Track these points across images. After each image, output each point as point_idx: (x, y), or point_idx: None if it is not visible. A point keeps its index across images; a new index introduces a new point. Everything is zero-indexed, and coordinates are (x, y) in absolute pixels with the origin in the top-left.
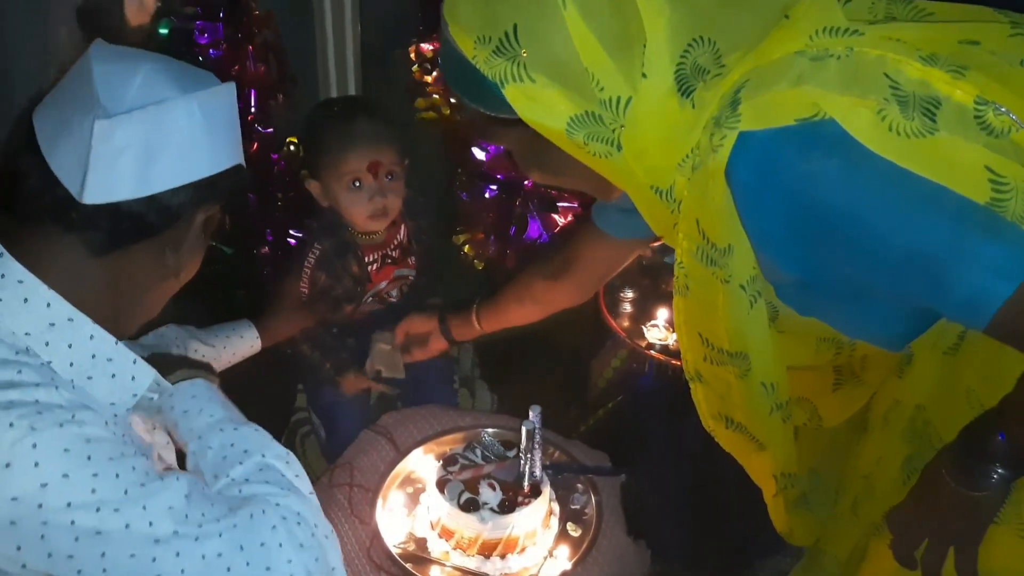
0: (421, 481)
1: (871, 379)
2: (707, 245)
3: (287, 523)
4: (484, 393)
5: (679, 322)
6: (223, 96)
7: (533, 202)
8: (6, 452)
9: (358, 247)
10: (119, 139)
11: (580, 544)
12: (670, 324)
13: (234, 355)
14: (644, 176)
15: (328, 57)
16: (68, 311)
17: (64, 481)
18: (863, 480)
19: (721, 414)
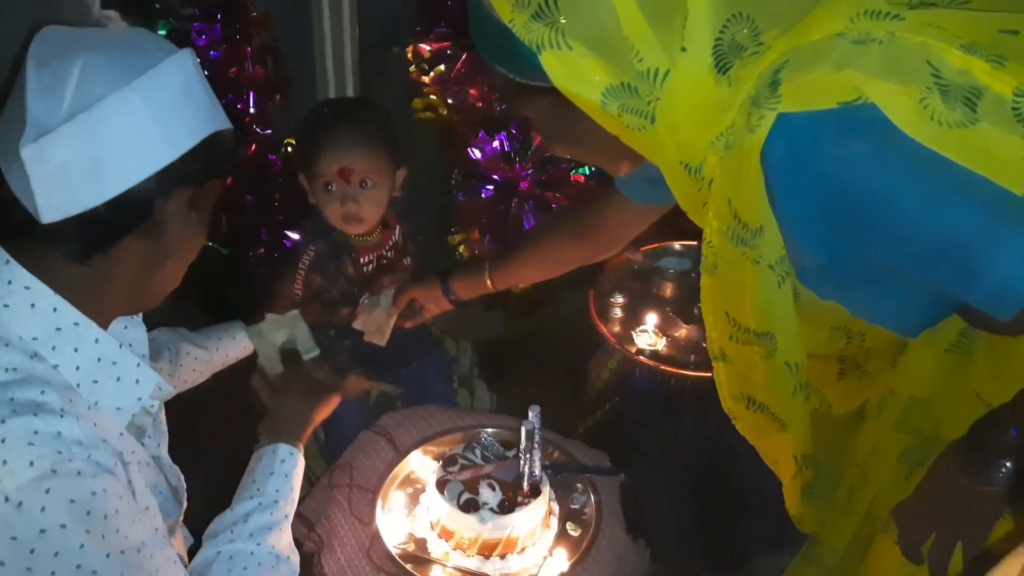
0: (421, 481)
1: (874, 369)
2: (738, 225)
3: None
4: (483, 393)
5: (706, 300)
6: (171, 73)
7: (528, 202)
8: (21, 491)
9: (353, 249)
10: (54, 158)
11: (580, 544)
12: (659, 329)
13: (227, 356)
14: (675, 151)
15: (326, 57)
16: (74, 315)
17: (61, 531)
18: (858, 468)
19: (743, 394)
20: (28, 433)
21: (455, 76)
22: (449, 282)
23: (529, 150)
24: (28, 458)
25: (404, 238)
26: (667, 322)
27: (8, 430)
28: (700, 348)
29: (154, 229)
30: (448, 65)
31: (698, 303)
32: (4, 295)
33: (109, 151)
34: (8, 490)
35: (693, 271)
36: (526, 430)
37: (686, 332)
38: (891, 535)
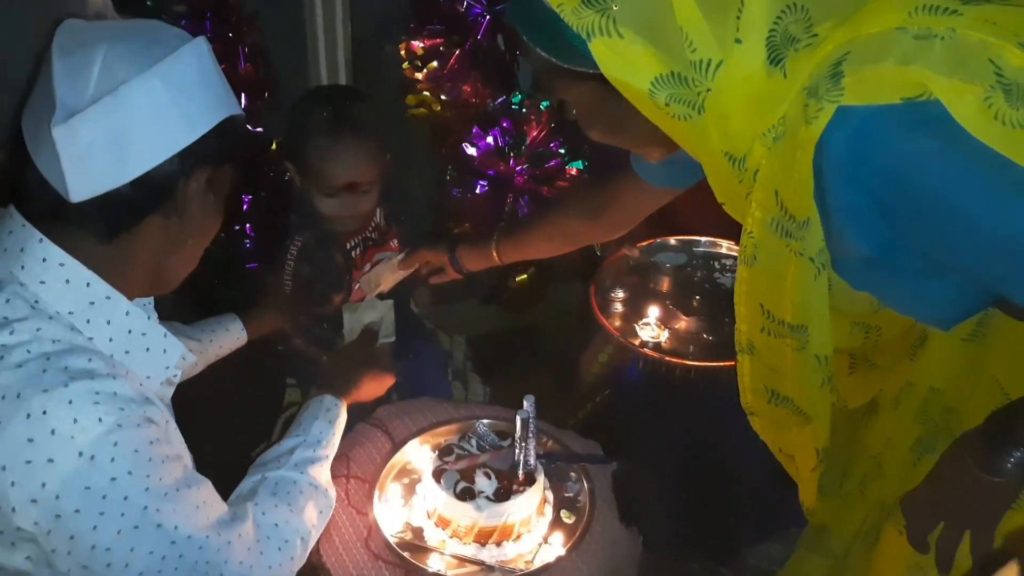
0: (417, 472)
1: (884, 363)
2: (784, 216)
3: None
4: (477, 386)
5: (740, 291)
6: (189, 58)
7: (523, 197)
8: (92, 445)
9: (337, 236)
10: (83, 137)
11: (574, 531)
12: (661, 322)
13: (220, 348)
14: (720, 142)
15: (319, 54)
16: (106, 289)
17: (128, 478)
18: (871, 460)
19: (767, 387)
20: (91, 394)
21: (448, 73)
22: (456, 251)
23: (523, 145)
24: (96, 415)
25: (386, 220)
26: (668, 315)
27: (73, 392)
28: (699, 339)
29: (176, 209)
30: (441, 62)
31: (696, 295)
32: (40, 272)
33: (133, 132)
34: (82, 445)
35: (688, 265)
36: (521, 419)
37: (686, 324)
38: (897, 524)
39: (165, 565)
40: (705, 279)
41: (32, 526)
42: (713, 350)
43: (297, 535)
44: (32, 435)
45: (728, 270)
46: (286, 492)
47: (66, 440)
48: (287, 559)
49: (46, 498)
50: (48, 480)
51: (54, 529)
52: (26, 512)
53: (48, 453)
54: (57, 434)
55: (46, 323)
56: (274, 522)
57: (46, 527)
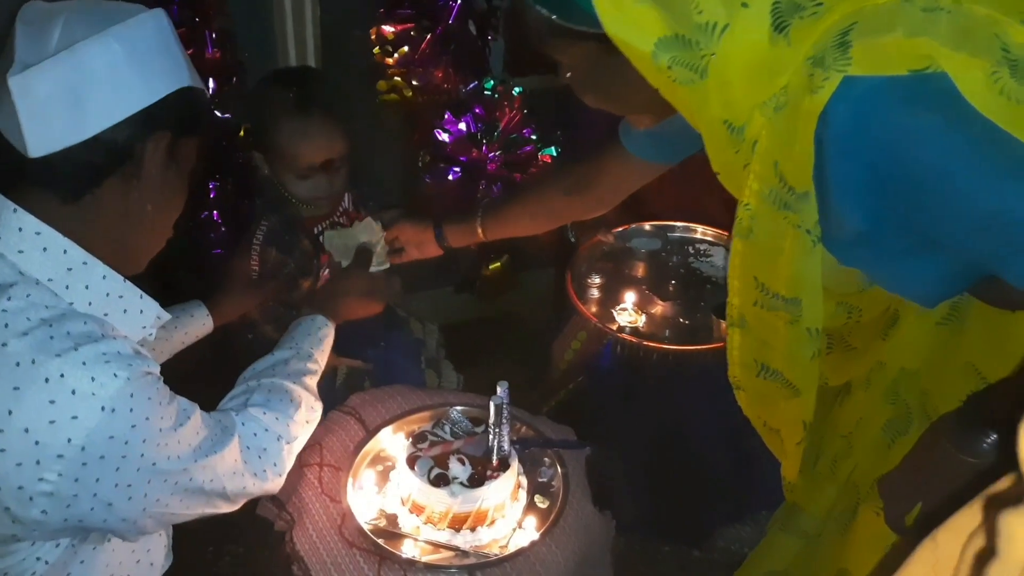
0: (391, 459)
1: (860, 345)
2: (783, 188)
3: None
4: (450, 373)
5: (734, 264)
6: (147, 24)
7: (495, 184)
8: (112, 399)
9: (303, 220)
10: (39, 90)
11: (548, 515)
12: (638, 307)
13: (186, 335)
14: (720, 109)
15: (288, 39)
16: (82, 255)
17: (146, 422)
18: (842, 439)
19: (757, 361)
20: (99, 354)
21: (419, 58)
22: (442, 226)
23: (495, 131)
24: (111, 372)
25: (354, 204)
26: (644, 300)
27: (84, 355)
28: (676, 324)
29: (135, 173)
30: (412, 47)
31: (672, 280)
32: (18, 242)
33: (90, 89)
34: (103, 400)
35: (663, 250)
36: (495, 405)
37: (662, 309)
38: (874, 505)
39: (177, 488)
40: (680, 264)
41: (56, 477)
42: (689, 334)
43: (281, 440)
44: (53, 397)
45: (703, 255)
46: (278, 400)
47: (87, 397)
48: (270, 464)
49: (72, 451)
50: (73, 435)
51: (80, 476)
52: (51, 466)
53: (71, 411)
54: (78, 393)
55: (34, 289)
56: (253, 432)
57: (72, 476)
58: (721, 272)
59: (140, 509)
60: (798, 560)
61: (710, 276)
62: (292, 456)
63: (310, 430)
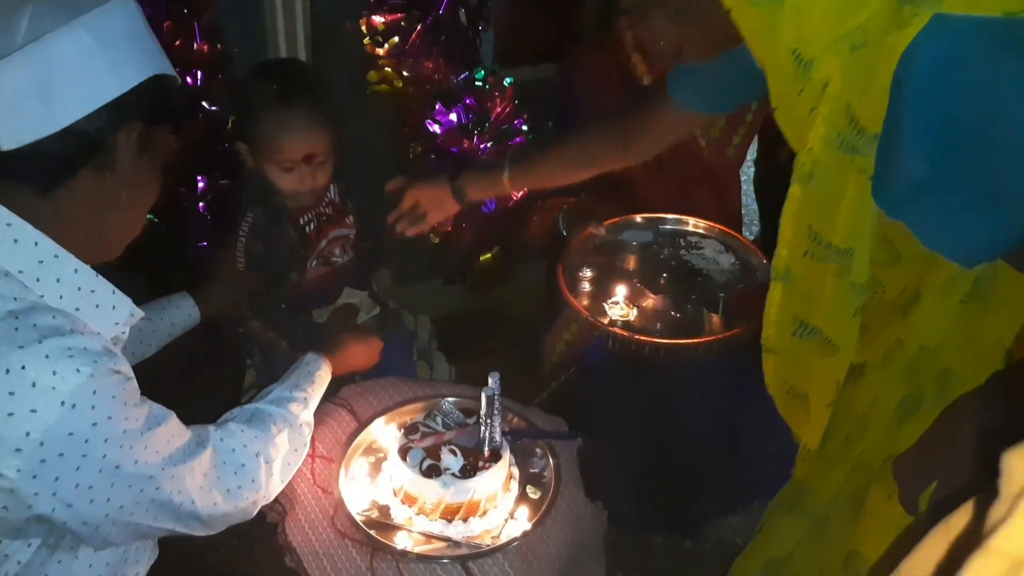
0: (383, 450)
1: (874, 325)
2: (852, 131)
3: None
4: (442, 365)
5: (789, 212)
6: (116, 12)
7: None
8: (73, 394)
9: (289, 211)
10: (8, 84)
11: (539, 506)
12: (629, 301)
13: (173, 327)
14: (792, 38)
15: (278, 30)
16: (53, 248)
17: (108, 421)
18: (856, 420)
19: (796, 318)
20: (64, 348)
21: (409, 48)
22: (460, 180)
23: (487, 123)
24: (74, 367)
25: (340, 195)
26: (635, 293)
27: (47, 348)
28: (667, 317)
29: (108, 164)
30: (402, 37)
31: (663, 273)
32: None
33: (60, 80)
34: (64, 395)
35: (654, 243)
36: (486, 396)
37: (653, 302)
38: (886, 487)
39: (142, 497)
40: (671, 257)
41: (15, 473)
42: (680, 328)
43: (259, 458)
44: (12, 389)
45: (694, 247)
46: (259, 421)
47: (48, 391)
48: (247, 481)
49: (30, 446)
50: (32, 429)
51: (39, 473)
52: (8, 461)
53: (30, 404)
54: (38, 386)
55: (3, 280)
56: (231, 447)
57: (31, 472)
58: (712, 264)
59: (102, 514)
60: (804, 543)
61: (701, 268)
62: (273, 476)
63: (297, 457)
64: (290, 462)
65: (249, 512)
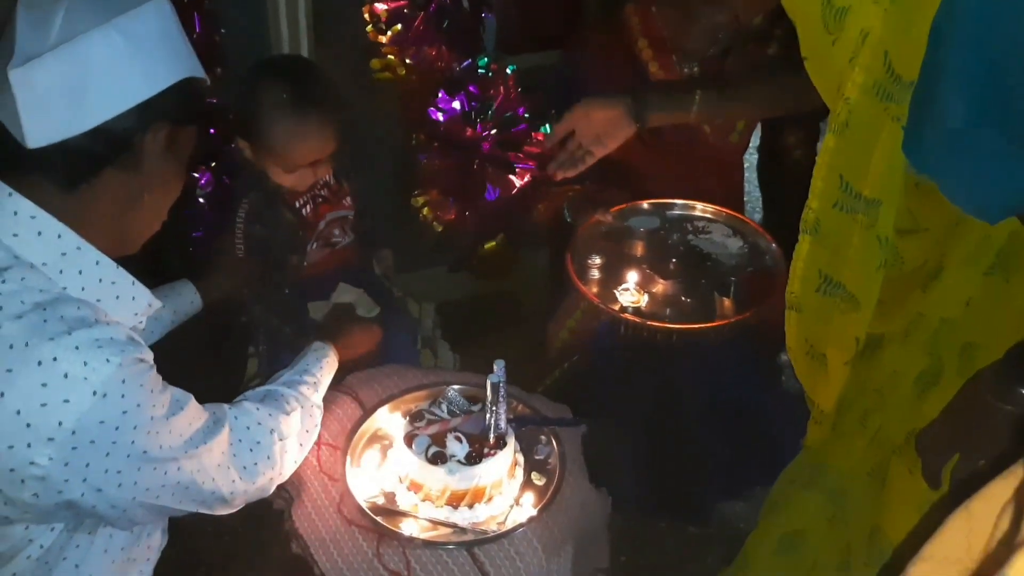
0: (388, 437)
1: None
2: (889, 78)
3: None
4: (446, 353)
5: (821, 163)
6: (150, 15)
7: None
8: (104, 384)
9: (284, 194)
10: (40, 83)
11: (544, 492)
12: (640, 287)
13: (175, 314)
14: None
15: (280, 19)
16: (76, 240)
17: (137, 409)
18: (874, 393)
19: (821, 273)
20: (92, 340)
21: (412, 36)
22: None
23: (490, 110)
24: (104, 357)
25: (336, 176)
26: (645, 279)
27: (77, 340)
28: (677, 302)
29: (134, 163)
30: (405, 24)
31: (672, 259)
32: (12, 226)
33: (91, 81)
34: (95, 384)
35: (661, 228)
36: (492, 383)
37: (663, 288)
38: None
39: (167, 479)
40: (679, 242)
41: (47, 461)
42: (691, 312)
43: (274, 435)
44: (45, 380)
45: (702, 232)
46: (273, 400)
47: (79, 381)
48: (263, 458)
49: (63, 434)
50: (64, 419)
51: (71, 460)
52: (41, 449)
53: (63, 394)
54: (70, 377)
55: (29, 272)
56: (246, 425)
57: (62, 460)
58: (720, 249)
59: (130, 498)
60: (820, 518)
61: (710, 253)
62: (287, 455)
63: (309, 438)
64: (302, 442)
65: (267, 489)
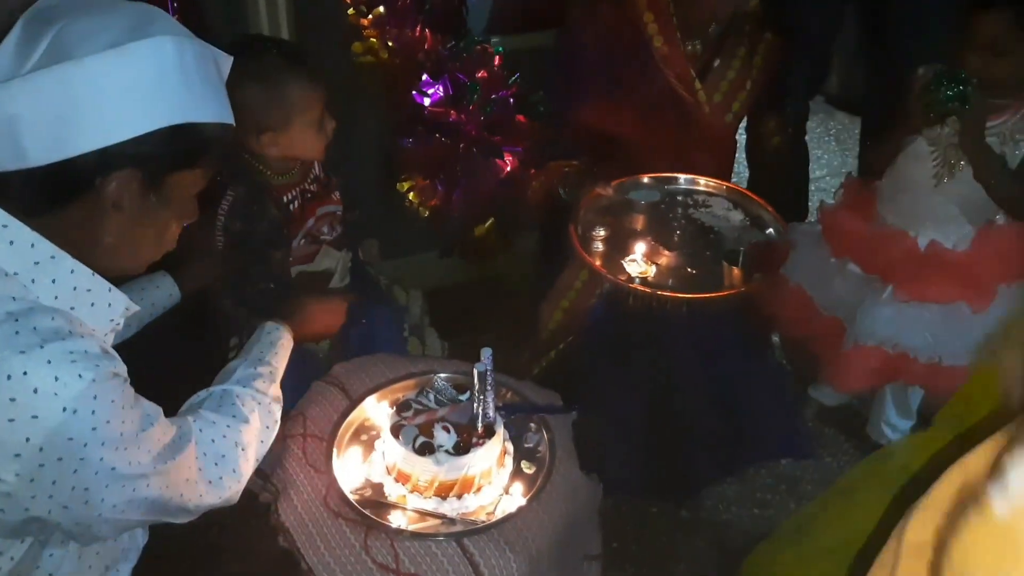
0: (375, 428)
1: None
2: None
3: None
4: (434, 341)
5: None
6: (143, 54)
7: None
8: (75, 400)
9: (272, 189)
10: (8, 107)
11: (534, 481)
12: (647, 257)
13: (153, 306)
14: None
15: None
16: (50, 249)
17: (107, 426)
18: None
19: None
20: (66, 353)
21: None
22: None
23: (475, 93)
24: (76, 372)
25: (324, 171)
26: (651, 250)
27: (49, 353)
28: (683, 273)
29: (100, 203)
30: (386, 6)
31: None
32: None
33: (56, 117)
34: (66, 401)
35: (662, 202)
36: (478, 372)
37: (668, 259)
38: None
39: (135, 495)
40: (682, 215)
41: (13, 478)
42: (697, 283)
43: (237, 447)
44: (14, 395)
45: (702, 205)
46: (229, 404)
47: (50, 397)
48: (228, 471)
49: (30, 451)
50: (32, 435)
51: (37, 477)
52: (8, 465)
53: (32, 410)
54: (40, 392)
55: (2, 281)
56: (211, 438)
57: (28, 476)
58: (723, 222)
59: (95, 515)
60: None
61: (712, 226)
62: (249, 463)
63: (270, 435)
64: (263, 439)
65: (232, 500)
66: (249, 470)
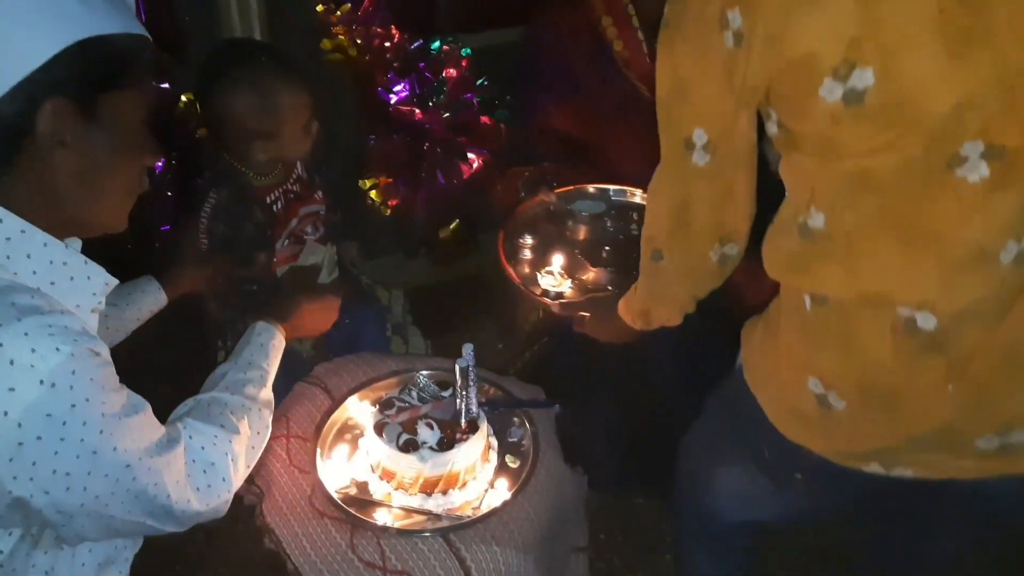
0: (359, 427)
1: None
2: None
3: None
4: (417, 339)
5: None
6: None
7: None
8: (52, 373)
9: (255, 190)
10: None
11: (519, 475)
12: (565, 271)
13: (140, 311)
14: None
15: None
16: (19, 223)
17: (86, 404)
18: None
19: None
20: (44, 327)
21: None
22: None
23: (441, 93)
24: (53, 345)
25: (307, 172)
26: (575, 264)
27: (26, 326)
28: (598, 290)
29: (44, 145)
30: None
31: (607, 246)
32: None
33: None
34: (43, 373)
35: (605, 214)
36: (460, 368)
37: (593, 275)
38: None
39: (118, 487)
40: (620, 230)
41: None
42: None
43: (227, 457)
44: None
45: None
46: (218, 413)
47: (26, 369)
48: (217, 480)
49: (8, 427)
50: (10, 409)
51: (16, 456)
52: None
53: (9, 383)
54: (17, 364)
55: None
56: (200, 445)
57: (7, 455)
58: None
59: (78, 504)
60: None
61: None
62: (239, 470)
63: (262, 440)
64: (254, 445)
65: (221, 510)
66: (239, 480)
